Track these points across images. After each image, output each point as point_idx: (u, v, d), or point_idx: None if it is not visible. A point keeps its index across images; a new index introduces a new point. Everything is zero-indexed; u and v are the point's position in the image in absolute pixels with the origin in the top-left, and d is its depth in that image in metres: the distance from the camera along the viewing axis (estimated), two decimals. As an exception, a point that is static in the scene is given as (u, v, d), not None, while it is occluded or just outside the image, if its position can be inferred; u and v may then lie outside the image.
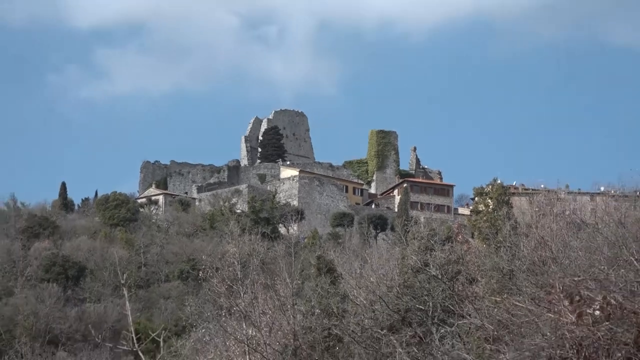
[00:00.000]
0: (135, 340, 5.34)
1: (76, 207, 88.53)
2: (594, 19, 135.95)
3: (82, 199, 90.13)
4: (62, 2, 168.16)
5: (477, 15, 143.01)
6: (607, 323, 5.50)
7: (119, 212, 75.02)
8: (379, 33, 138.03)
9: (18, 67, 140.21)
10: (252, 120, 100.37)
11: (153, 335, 6.23)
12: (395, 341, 7.52)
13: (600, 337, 5.52)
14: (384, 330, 8.59)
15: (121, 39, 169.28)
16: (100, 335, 27.87)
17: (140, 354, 5.36)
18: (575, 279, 6.49)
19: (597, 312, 5.55)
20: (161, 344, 5.99)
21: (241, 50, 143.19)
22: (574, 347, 5.63)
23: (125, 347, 6.08)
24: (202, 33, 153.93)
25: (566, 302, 5.79)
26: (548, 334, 5.67)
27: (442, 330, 7.77)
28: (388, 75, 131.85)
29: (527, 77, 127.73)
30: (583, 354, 5.59)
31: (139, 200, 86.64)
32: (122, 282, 27.30)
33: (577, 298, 5.75)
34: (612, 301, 5.50)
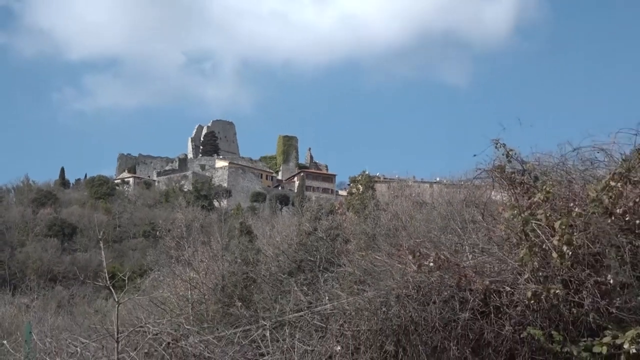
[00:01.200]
0: (108, 279, 6.06)
1: (71, 185, 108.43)
2: (432, 63, 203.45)
3: (75, 179, 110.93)
4: (61, 42, 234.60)
5: (350, 57, 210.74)
6: (438, 272, 6.95)
7: (101, 188, 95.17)
8: (283, 69, 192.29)
9: (31, 87, 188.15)
10: (196, 127, 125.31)
11: (120, 275, 7.07)
12: (292, 282, 8.73)
13: (433, 280, 6.92)
14: (285, 275, 9.98)
15: (102, 68, 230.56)
16: (84, 275, 36.28)
17: (111, 288, 6.06)
18: (417, 240, 7.77)
19: (432, 264, 6.87)
20: (126, 281, 6.81)
21: (187, 79, 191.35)
22: (415, 287, 7.03)
23: (101, 284, 6.87)
24: (160, 65, 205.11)
25: (410, 257, 7.01)
26: (398, 278, 6.97)
27: (325, 275, 9.00)
28: (289, 98, 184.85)
29: (386, 102, 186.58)
30: (421, 292, 6.99)
31: (116, 181, 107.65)
32: (100, 237, 43.17)
33: (418, 254, 6.95)
34: (442, 256, 6.77)
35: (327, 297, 7.59)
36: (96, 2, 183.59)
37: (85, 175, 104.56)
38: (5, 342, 7.46)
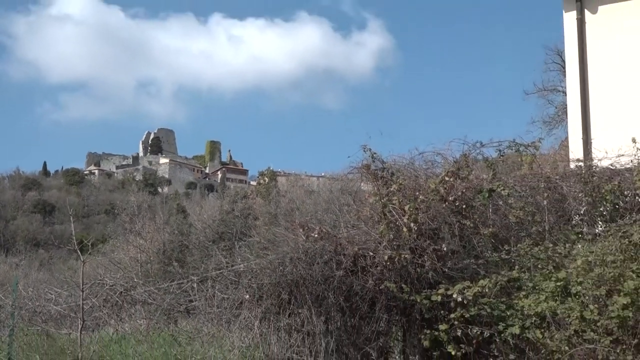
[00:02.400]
0: (76, 244, 6.98)
1: (51, 175, 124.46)
2: (317, 92, 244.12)
3: (54, 170, 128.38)
4: (43, 68, 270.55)
5: (257, 85, 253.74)
6: (321, 241, 8.42)
7: (74, 178, 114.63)
8: (209, 93, 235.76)
9: (19, 102, 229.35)
10: (145, 133, 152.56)
11: (86, 241, 8.04)
12: (215, 248, 10.34)
13: (317, 247, 8.34)
14: (210, 242, 11.68)
15: (74, 89, 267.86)
16: (60, 242, 39.50)
17: (78, 251, 6.98)
18: (306, 218, 9.25)
19: (316, 235, 8.21)
20: (90, 246, 7.86)
21: (138, 98, 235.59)
22: (303, 252, 8.44)
23: (71, 248, 7.89)
24: (118, 88, 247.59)
25: (301, 230, 8.30)
26: (292, 246, 8.45)
27: (239, 243, 10.45)
28: (214, 113, 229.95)
29: (284, 118, 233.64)
30: (308, 256, 8.50)
31: (85, 172, 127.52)
32: (71, 213, 57.88)
33: (306, 228, 8.23)
34: (324, 230, 8.17)
35: (239, 259, 8.80)
36: (69, 38, 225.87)
37: (62, 167, 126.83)
38: (-3, 291, 9.04)
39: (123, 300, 8.37)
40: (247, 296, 8.04)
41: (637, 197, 8.19)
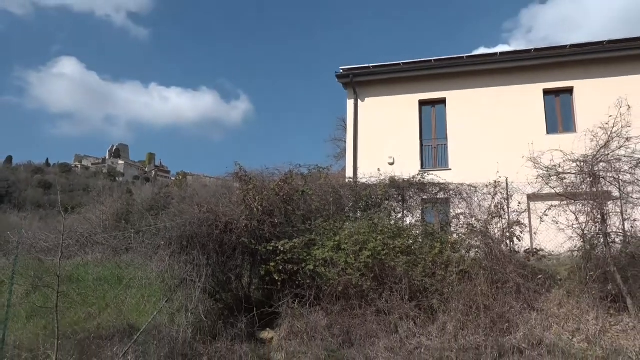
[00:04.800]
0: (61, 208, 8.62)
1: (51, 166, 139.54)
2: (209, 130, 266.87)
3: (53, 163, 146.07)
4: (46, 102, 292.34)
5: (175, 123, 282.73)
6: (208, 213, 9.50)
7: (65, 168, 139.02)
8: (149, 126, 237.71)
9: (32, 124, 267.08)
10: (111, 145, 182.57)
11: (68, 207, 9.82)
12: (148, 214, 11.43)
13: (205, 216, 9.53)
14: (145, 211, 14.21)
15: (65, 117, 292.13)
16: (52, 206, 44.06)
17: (62, 212, 8.57)
18: (200, 200, 10.83)
19: (205, 209, 9.56)
20: (69, 209, 9.29)
21: (104, 126, 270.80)
22: (197, 219, 9.56)
23: (58, 210, 9.20)
24: (92, 118, 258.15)
25: (197, 207, 9.40)
26: (191, 215, 10.65)
27: (162, 212, 11.54)
28: (151, 138, 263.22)
29: (192, 145, 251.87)
30: (199, 221, 9.48)
31: (73, 165, 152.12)
32: (59, 189, 64.56)
33: (200, 205, 10.08)
34: (209, 207, 9.80)
35: (160, 222, 10.92)
36: (63, 87, 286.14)
37: (58, 162, 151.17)
38: (9, 232, 11.29)
39: (89, 240, 11.28)
40: (162, 242, 9.83)
41: (377, 199, 12.36)
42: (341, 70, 18.95)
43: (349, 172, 17.00)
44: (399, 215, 12.56)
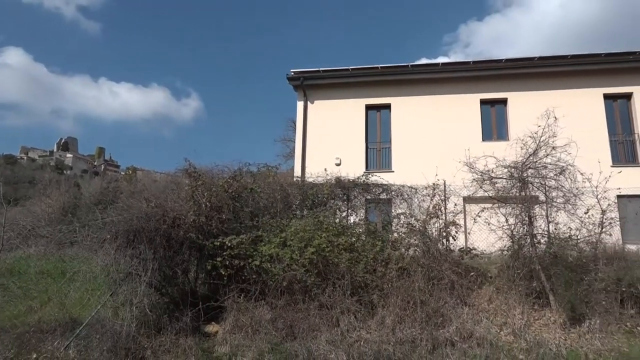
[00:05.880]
0: (2, 199, 8.17)
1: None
2: (159, 126, 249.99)
3: None
4: None
5: (124, 119, 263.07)
6: (156, 208, 9.17)
7: (10, 159, 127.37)
8: (97, 120, 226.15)
9: None
10: (59, 139, 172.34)
11: (10, 199, 9.35)
12: (95, 208, 11.35)
13: (154, 211, 9.22)
14: (92, 205, 13.74)
15: (11, 107, 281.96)
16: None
17: (4, 204, 8.08)
18: (149, 195, 10.48)
19: (153, 204, 9.32)
20: (11, 201, 8.97)
21: (51, 118, 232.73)
22: (145, 213, 9.24)
23: (1, 201, 8.79)
24: (39, 110, 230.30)
25: (144, 201, 9.49)
26: (139, 210, 10.92)
27: (109, 207, 11.64)
28: (101, 132, 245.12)
29: (141, 140, 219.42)
30: (147, 216, 9.33)
31: (18, 157, 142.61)
32: (1, 180, 55.88)
33: (148, 200, 9.88)
34: (159, 202, 9.49)
35: (108, 216, 10.49)
36: (9, 77, 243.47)
37: (2, 153, 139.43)
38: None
39: (32, 233, 10.78)
40: (109, 236, 9.51)
41: (323, 198, 12.45)
42: (292, 73, 18.92)
43: (297, 172, 17.00)
44: (344, 214, 12.67)
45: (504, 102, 18.26)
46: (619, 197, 13.88)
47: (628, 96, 17.75)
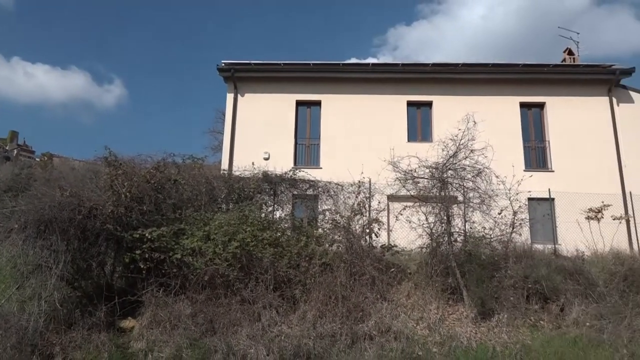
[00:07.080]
0: None
1: None
2: (77, 112, 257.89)
3: None
4: None
5: (39, 103, 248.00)
6: (71, 197, 9.01)
7: None
8: (10, 103, 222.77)
9: None
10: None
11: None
12: (4, 195, 11.00)
13: (67, 201, 8.95)
14: (2, 192, 12.91)
15: None
16: None
17: None
18: (64, 184, 10.13)
19: (68, 193, 9.07)
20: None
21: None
22: (59, 202, 9.02)
23: None
24: None
25: (59, 190, 8.46)
26: (53, 199, 10.04)
27: (22, 194, 11.09)
28: (14, 116, 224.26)
29: (57, 126, 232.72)
30: (62, 205, 9.01)
31: None
32: None
33: (62, 189, 9.38)
34: (73, 190, 9.25)
35: (18, 204, 9.62)
36: None
37: None
38: None
39: None
40: (16, 226, 9.11)
41: (250, 192, 12.37)
42: (223, 64, 18.55)
43: (225, 164, 16.70)
44: (270, 209, 12.63)
45: (429, 104, 18.86)
46: (529, 199, 14.78)
47: (541, 105, 18.90)
